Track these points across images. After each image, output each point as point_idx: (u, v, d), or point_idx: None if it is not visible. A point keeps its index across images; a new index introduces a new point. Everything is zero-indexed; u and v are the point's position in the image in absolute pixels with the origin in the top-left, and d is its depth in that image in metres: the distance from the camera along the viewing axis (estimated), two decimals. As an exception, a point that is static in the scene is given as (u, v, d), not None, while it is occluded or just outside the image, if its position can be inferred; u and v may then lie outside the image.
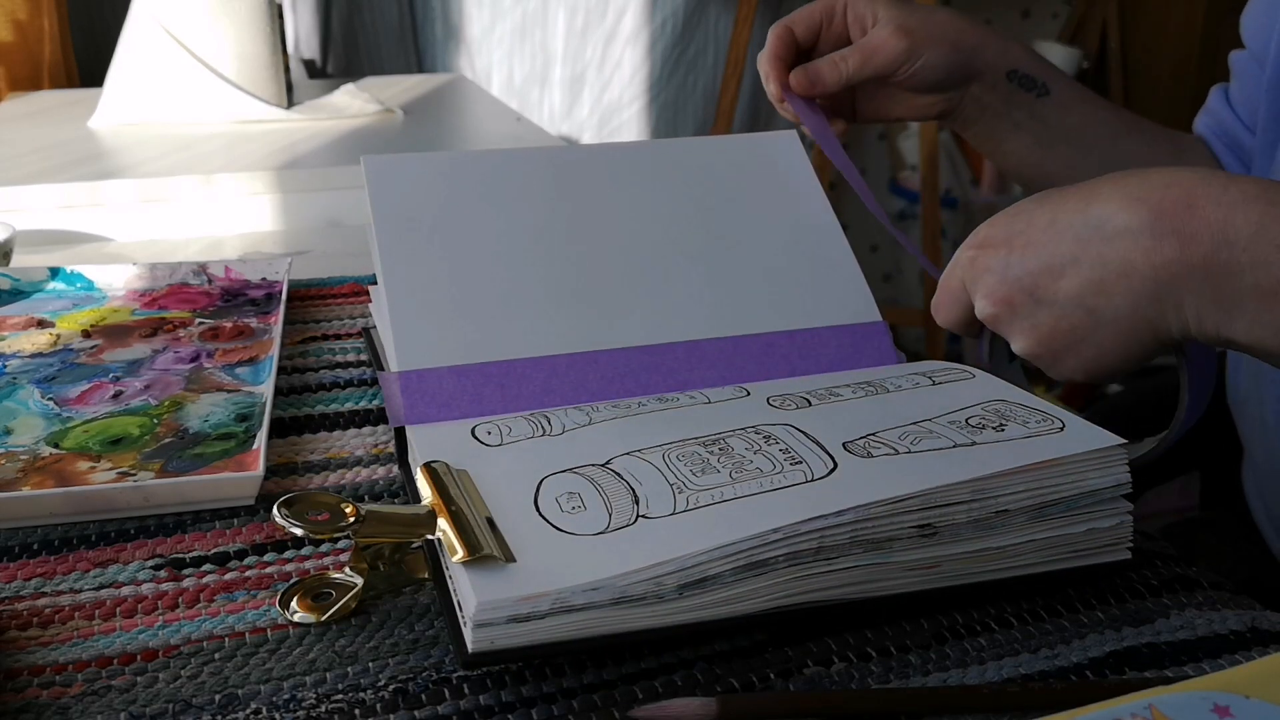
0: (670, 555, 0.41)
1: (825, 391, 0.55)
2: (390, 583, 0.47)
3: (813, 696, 0.40)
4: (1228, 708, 0.32)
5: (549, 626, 0.40)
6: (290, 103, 1.47)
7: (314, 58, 2.23)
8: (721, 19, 2.49)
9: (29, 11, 1.69)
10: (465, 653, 0.40)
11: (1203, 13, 2.49)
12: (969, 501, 0.44)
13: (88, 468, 0.55)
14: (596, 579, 0.40)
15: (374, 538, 0.45)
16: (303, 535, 0.44)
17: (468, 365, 0.56)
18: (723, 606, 0.41)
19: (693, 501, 0.44)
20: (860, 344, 0.61)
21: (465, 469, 0.49)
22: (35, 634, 0.44)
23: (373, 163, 0.64)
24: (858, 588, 0.43)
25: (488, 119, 1.60)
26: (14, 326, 0.73)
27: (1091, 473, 0.45)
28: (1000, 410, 0.50)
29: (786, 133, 0.71)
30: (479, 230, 0.62)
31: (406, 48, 2.30)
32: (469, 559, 0.41)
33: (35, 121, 1.42)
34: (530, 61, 2.40)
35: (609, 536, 0.43)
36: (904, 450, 0.47)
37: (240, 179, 1.14)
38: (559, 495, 0.46)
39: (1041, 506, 0.45)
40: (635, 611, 0.40)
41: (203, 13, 1.38)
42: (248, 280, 0.82)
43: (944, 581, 0.45)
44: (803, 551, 0.42)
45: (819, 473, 0.45)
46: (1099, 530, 0.46)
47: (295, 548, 0.50)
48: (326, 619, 0.45)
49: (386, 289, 0.59)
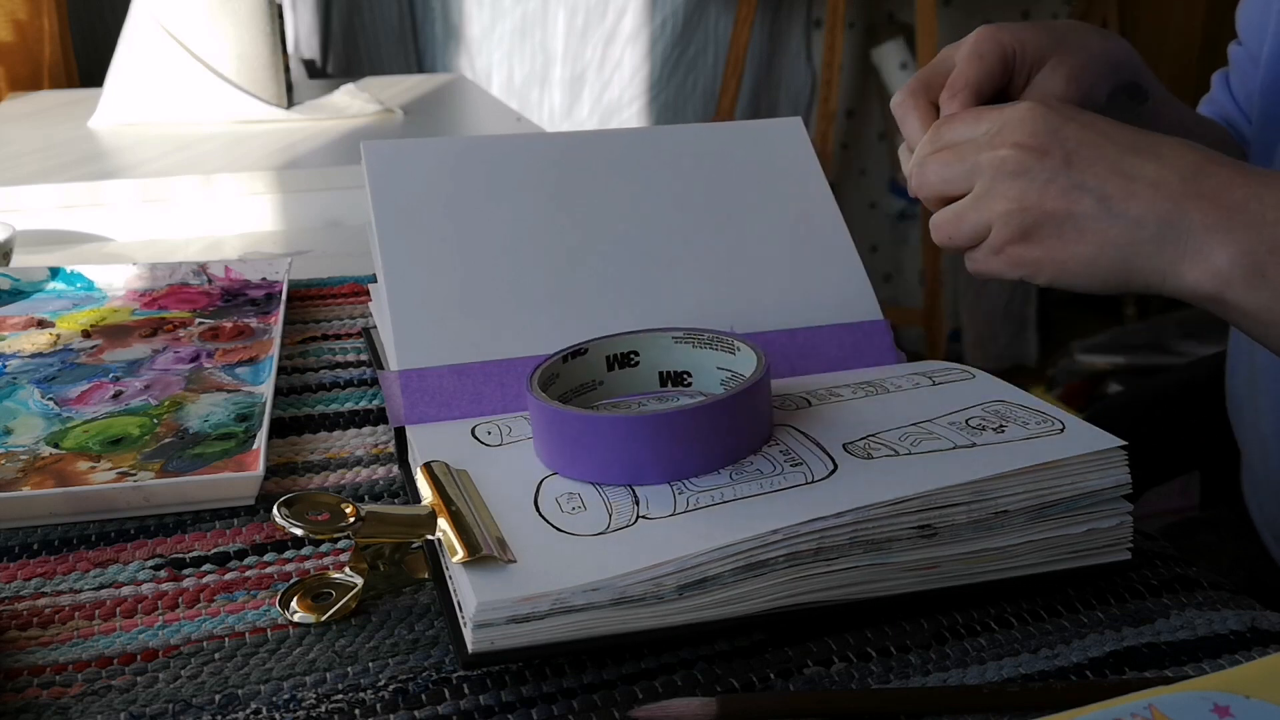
0: (670, 556, 0.41)
1: (825, 392, 0.55)
2: (390, 583, 0.47)
3: (813, 696, 0.40)
4: (1228, 708, 0.32)
5: (549, 627, 0.39)
6: (290, 103, 1.47)
7: (314, 58, 2.23)
8: (721, 19, 2.49)
9: (29, 11, 1.69)
10: (465, 653, 0.40)
11: (1203, 13, 2.49)
12: (969, 503, 0.44)
13: (88, 468, 0.55)
14: (596, 580, 0.40)
15: (374, 538, 0.45)
16: (303, 535, 0.44)
17: (468, 364, 0.56)
18: (723, 607, 0.41)
19: (693, 502, 0.44)
20: (861, 343, 0.61)
21: (465, 469, 0.48)
22: (35, 634, 0.44)
23: (373, 150, 0.63)
24: (857, 588, 0.43)
25: (488, 119, 1.60)
26: (14, 326, 0.73)
27: (1091, 474, 0.45)
28: (1000, 411, 0.50)
29: (790, 120, 0.70)
30: (480, 222, 0.61)
31: (406, 48, 2.30)
32: (469, 559, 0.41)
33: (35, 121, 1.42)
34: (530, 61, 2.40)
35: (609, 537, 0.43)
36: (904, 451, 0.47)
37: (240, 179, 1.13)
38: (559, 496, 0.46)
39: (1041, 507, 0.45)
40: (635, 612, 0.40)
41: (203, 13, 1.38)
42: (248, 280, 0.82)
43: (944, 582, 0.45)
44: (802, 552, 0.42)
45: (819, 474, 0.45)
46: (1099, 531, 0.46)
47: (295, 548, 0.50)
48: (326, 619, 0.45)
49: (386, 286, 0.58)
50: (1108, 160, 0.52)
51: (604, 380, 0.54)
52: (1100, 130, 0.53)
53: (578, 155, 0.66)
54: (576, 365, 0.53)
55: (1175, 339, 2.12)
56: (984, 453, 0.46)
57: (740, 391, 0.47)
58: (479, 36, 2.35)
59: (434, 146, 0.65)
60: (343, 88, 1.58)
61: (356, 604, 0.46)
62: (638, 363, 0.54)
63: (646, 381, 0.55)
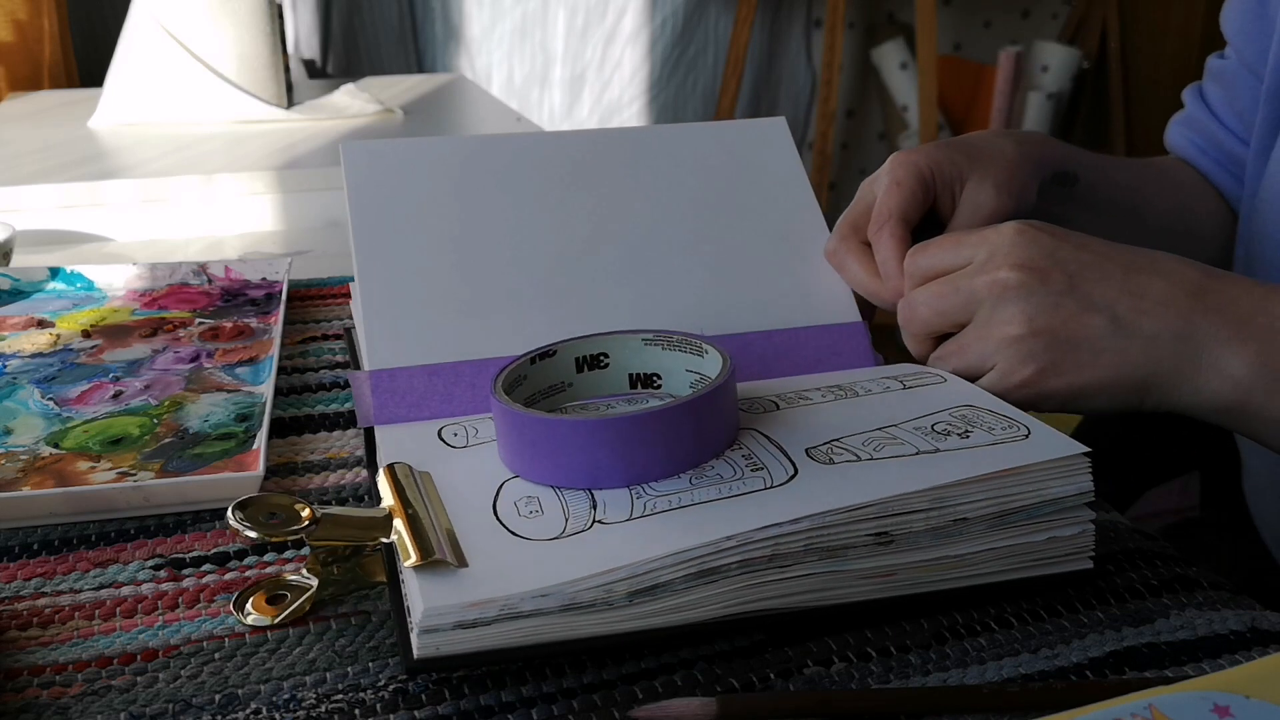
0: (623, 562, 0.40)
1: (794, 395, 0.54)
2: (347, 586, 0.46)
3: (813, 696, 0.40)
4: (1228, 708, 0.32)
5: (496, 633, 0.39)
6: (290, 103, 1.47)
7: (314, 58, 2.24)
8: (721, 19, 2.49)
9: (29, 11, 1.70)
10: (410, 659, 0.39)
11: (1203, 13, 2.49)
12: (927, 510, 0.43)
13: (88, 468, 0.55)
14: (546, 585, 0.39)
15: (328, 541, 0.45)
16: (257, 539, 0.43)
17: (439, 365, 0.56)
18: (675, 614, 0.41)
19: (650, 507, 0.44)
20: (838, 345, 0.60)
21: (428, 471, 0.48)
22: (35, 634, 0.44)
23: (351, 150, 0.62)
24: (813, 595, 0.43)
25: (488, 119, 1.60)
26: (14, 326, 0.73)
27: (1053, 481, 0.44)
28: (968, 416, 0.49)
29: (774, 119, 0.69)
30: (457, 223, 0.61)
31: (406, 48, 2.30)
32: (421, 563, 0.40)
33: (35, 121, 1.42)
34: (530, 61, 2.40)
35: (563, 542, 0.42)
36: (866, 457, 0.46)
37: (240, 179, 1.13)
38: (518, 499, 0.45)
39: (1001, 515, 0.44)
40: (585, 619, 0.40)
41: (203, 13, 1.38)
42: (248, 280, 0.82)
43: (902, 590, 0.44)
44: (756, 559, 0.41)
45: (779, 479, 0.45)
46: (1060, 539, 0.45)
47: (295, 548, 0.50)
48: (281, 621, 0.44)
49: (360, 285, 0.58)
50: (1114, 280, 0.51)
51: (573, 382, 0.54)
52: (1097, 251, 0.52)
53: (557, 155, 0.65)
54: (545, 367, 0.53)
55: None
56: (946, 459, 0.45)
57: (701, 395, 0.46)
58: (479, 36, 2.35)
59: (413, 147, 0.64)
60: (343, 88, 1.58)
61: (310, 606, 0.45)
62: (608, 365, 0.54)
63: (616, 384, 0.54)
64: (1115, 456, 0.89)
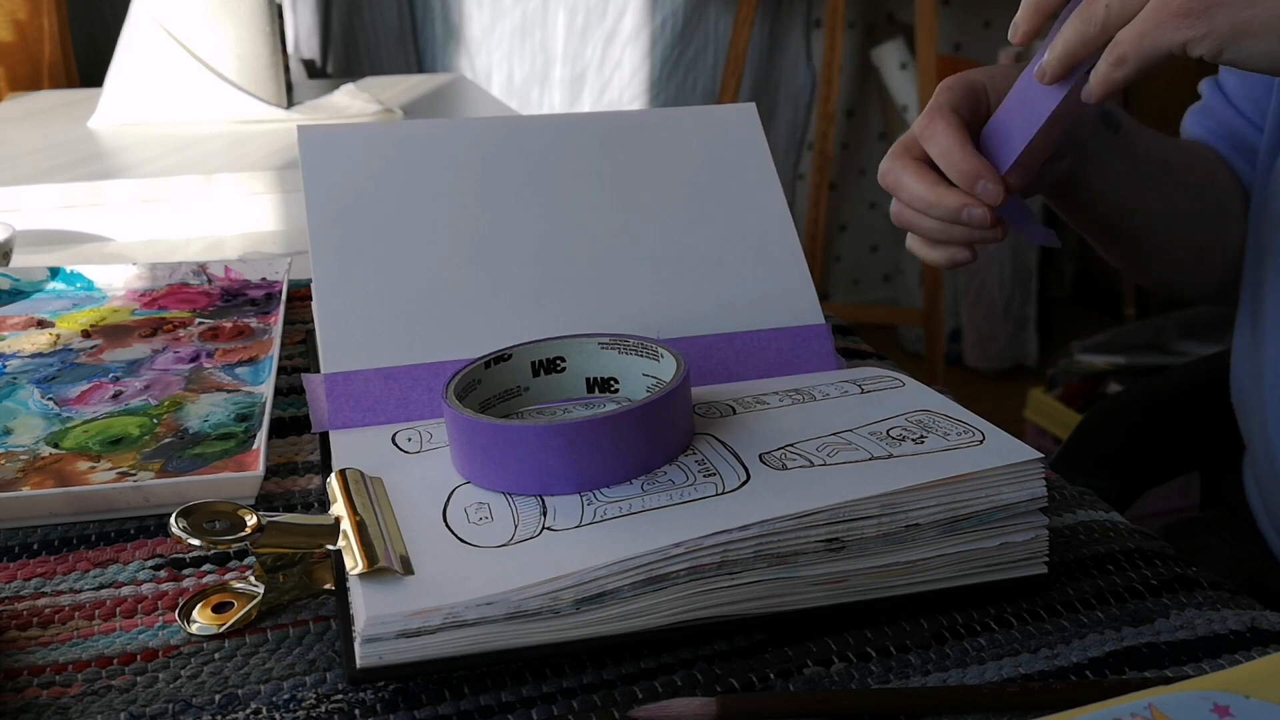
0: (570, 569, 0.40)
1: (752, 399, 0.53)
2: (293, 593, 0.46)
3: (813, 696, 0.40)
4: (1228, 708, 0.32)
5: (440, 642, 0.39)
6: (290, 103, 1.47)
7: (314, 58, 2.23)
8: (721, 19, 2.49)
9: (29, 11, 1.70)
10: (353, 668, 0.39)
11: (1203, 13, 2.49)
12: (878, 516, 0.43)
13: (88, 468, 0.55)
14: (492, 593, 0.39)
15: (273, 548, 0.44)
16: (200, 546, 0.43)
17: (395, 368, 0.55)
18: (621, 621, 0.41)
19: (600, 514, 0.44)
20: (800, 348, 0.60)
21: (380, 477, 0.48)
22: (35, 634, 0.44)
23: (308, 135, 0.61)
24: (762, 602, 0.43)
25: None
26: (14, 326, 0.73)
27: (1006, 487, 0.44)
28: (923, 421, 0.49)
29: (744, 105, 0.68)
30: (415, 218, 0.60)
31: (406, 48, 2.30)
32: (366, 571, 0.40)
33: (35, 121, 1.42)
34: (530, 61, 2.40)
35: (512, 549, 0.42)
36: (819, 463, 0.46)
37: (240, 179, 1.13)
38: (469, 506, 0.45)
39: (953, 521, 0.44)
40: (530, 627, 0.40)
41: (203, 13, 1.38)
42: (248, 280, 0.82)
43: (853, 596, 0.44)
44: (705, 566, 0.41)
45: (731, 485, 0.44)
46: (1013, 545, 0.45)
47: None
48: (227, 629, 0.44)
49: (316, 284, 0.57)
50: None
51: (529, 386, 0.53)
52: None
53: (521, 141, 0.63)
54: (500, 371, 0.52)
55: (1175, 339, 2.12)
56: (900, 464, 0.45)
57: (653, 401, 0.46)
58: (479, 36, 2.35)
59: (371, 132, 0.63)
60: (343, 88, 1.58)
61: (256, 614, 0.45)
62: (564, 369, 0.53)
63: (573, 388, 0.54)
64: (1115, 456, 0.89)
